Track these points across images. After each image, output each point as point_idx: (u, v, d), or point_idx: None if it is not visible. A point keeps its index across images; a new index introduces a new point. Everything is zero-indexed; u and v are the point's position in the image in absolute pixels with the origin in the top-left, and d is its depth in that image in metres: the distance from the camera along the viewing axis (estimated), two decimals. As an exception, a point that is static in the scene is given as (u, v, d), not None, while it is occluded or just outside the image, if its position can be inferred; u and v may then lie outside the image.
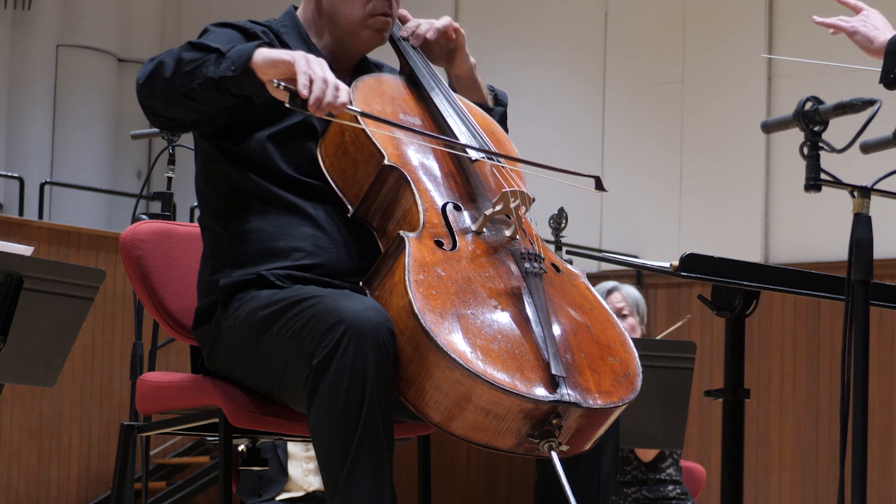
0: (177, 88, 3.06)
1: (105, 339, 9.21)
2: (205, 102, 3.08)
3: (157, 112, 3.16)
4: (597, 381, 2.92)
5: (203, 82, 3.03)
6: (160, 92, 3.09)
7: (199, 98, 3.06)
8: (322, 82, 2.92)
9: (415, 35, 3.39)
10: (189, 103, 3.09)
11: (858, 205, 3.02)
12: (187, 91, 3.05)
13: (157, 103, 3.13)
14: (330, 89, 2.92)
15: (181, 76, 3.05)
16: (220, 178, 3.26)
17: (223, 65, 3.01)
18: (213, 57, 3.03)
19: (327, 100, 2.92)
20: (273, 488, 6.44)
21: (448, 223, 3.07)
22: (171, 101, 3.10)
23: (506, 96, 3.54)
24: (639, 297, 6.35)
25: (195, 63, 3.04)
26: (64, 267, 4.12)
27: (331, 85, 2.93)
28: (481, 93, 3.47)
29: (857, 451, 2.95)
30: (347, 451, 2.83)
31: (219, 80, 3.02)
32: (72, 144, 12.30)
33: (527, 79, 10.77)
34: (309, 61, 2.95)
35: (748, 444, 7.81)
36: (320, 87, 2.91)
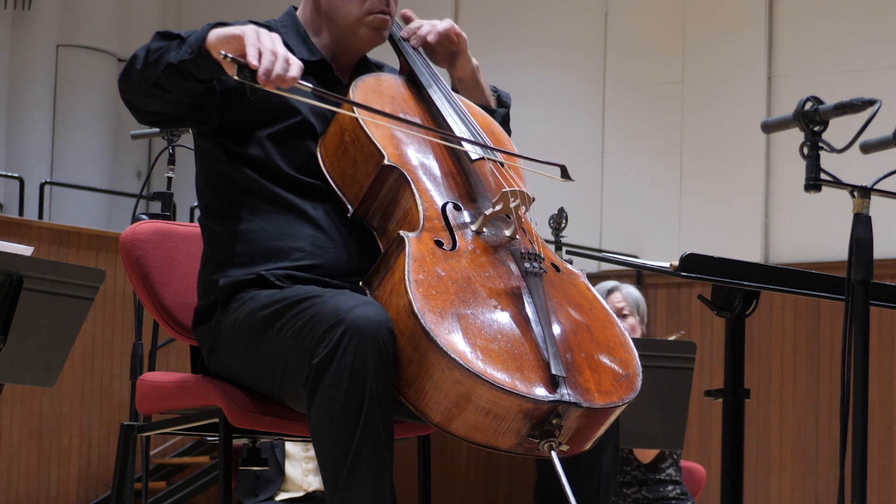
0: (147, 79, 3.06)
1: (105, 339, 9.21)
2: (173, 90, 3.08)
3: (138, 106, 3.17)
4: (597, 380, 2.92)
5: (166, 69, 3.03)
6: (135, 85, 3.10)
7: (167, 86, 3.06)
8: (271, 54, 2.89)
9: (415, 36, 3.39)
10: (160, 93, 3.09)
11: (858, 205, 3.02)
12: (156, 80, 3.06)
13: (134, 97, 3.14)
14: (279, 61, 2.90)
15: (150, 66, 3.05)
16: (220, 178, 3.26)
17: (182, 49, 3.01)
18: (174, 43, 3.04)
19: (276, 71, 2.89)
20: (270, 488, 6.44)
21: (448, 223, 3.07)
22: (145, 93, 3.10)
23: (509, 98, 3.53)
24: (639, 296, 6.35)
25: (160, 51, 3.05)
26: (64, 267, 4.12)
27: (280, 57, 2.90)
28: (484, 95, 3.46)
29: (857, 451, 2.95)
30: (347, 451, 2.83)
31: (179, 65, 3.01)
32: (72, 144, 12.30)
33: (527, 79, 10.77)
34: (259, 34, 2.93)
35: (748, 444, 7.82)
36: (269, 58, 2.89)
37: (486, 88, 3.48)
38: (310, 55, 3.30)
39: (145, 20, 12.85)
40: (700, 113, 10.56)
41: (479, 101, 3.43)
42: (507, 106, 3.52)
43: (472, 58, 3.44)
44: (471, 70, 3.43)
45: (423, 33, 3.37)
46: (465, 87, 3.44)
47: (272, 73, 2.88)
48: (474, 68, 3.44)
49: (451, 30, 3.40)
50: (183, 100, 3.13)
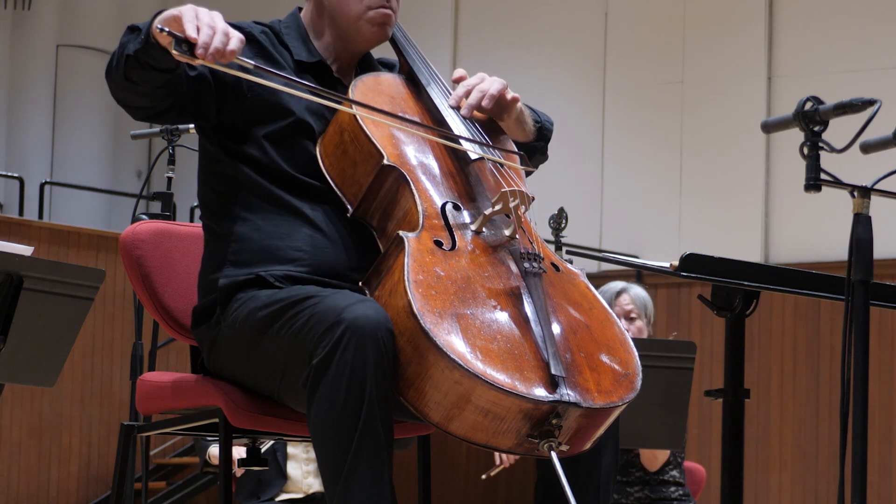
0: (120, 74, 3.07)
1: (105, 339, 9.21)
2: (140, 82, 3.07)
3: (124, 101, 3.16)
4: (596, 380, 2.92)
5: (127, 60, 3.03)
6: (115, 81, 3.10)
7: (135, 79, 3.06)
8: (208, 28, 2.87)
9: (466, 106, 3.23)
10: (133, 86, 3.08)
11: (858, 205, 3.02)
12: (126, 74, 3.05)
13: (118, 94, 3.14)
14: (218, 34, 2.87)
15: (119, 59, 3.05)
16: (220, 178, 3.26)
17: (137, 39, 3.01)
18: (133, 35, 3.04)
19: (215, 45, 2.86)
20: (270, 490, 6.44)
21: (447, 223, 3.07)
22: (123, 88, 3.10)
23: (551, 124, 3.42)
24: (647, 298, 6.34)
25: (123, 45, 3.05)
26: (64, 267, 4.12)
27: (219, 31, 2.88)
28: (524, 132, 3.36)
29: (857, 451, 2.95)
30: (347, 450, 2.82)
31: (136, 56, 3.01)
32: (72, 144, 12.30)
33: (527, 79, 10.76)
34: (197, 12, 2.91)
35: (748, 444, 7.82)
36: (207, 32, 2.86)
37: (529, 125, 3.36)
38: (308, 56, 3.30)
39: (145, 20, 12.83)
40: (700, 113, 10.56)
41: (520, 139, 3.35)
42: (546, 138, 3.41)
43: (517, 96, 3.31)
44: (516, 114, 3.31)
45: (474, 101, 3.23)
46: (507, 128, 3.35)
47: (210, 47, 2.85)
48: (519, 110, 3.32)
49: (503, 91, 3.25)
50: (155, 91, 3.10)
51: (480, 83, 3.25)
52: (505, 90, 3.25)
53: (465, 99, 3.23)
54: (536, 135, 3.39)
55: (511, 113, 3.29)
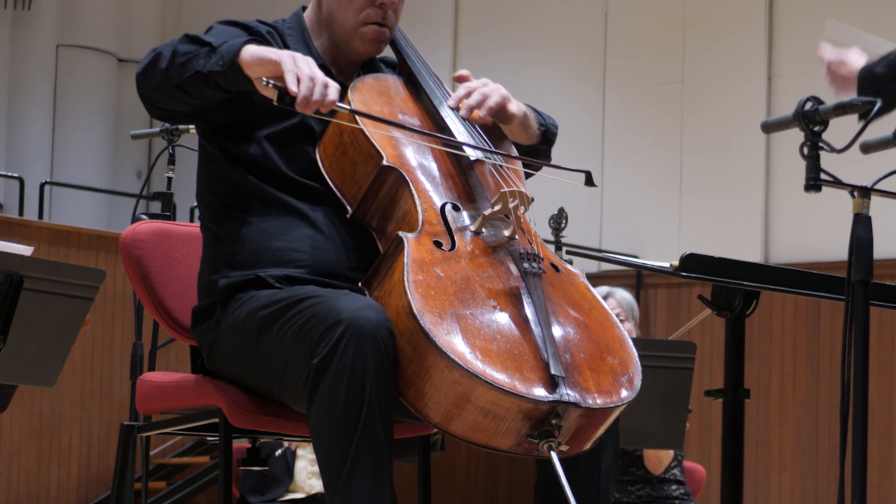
0: (171, 80, 3.08)
1: (105, 339, 9.21)
2: (196, 95, 3.10)
3: (153, 102, 3.18)
4: (596, 380, 2.92)
5: (193, 76, 3.04)
6: (156, 83, 3.11)
7: (190, 90, 3.08)
8: (309, 80, 2.92)
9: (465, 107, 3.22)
10: (183, 96, 3.10)
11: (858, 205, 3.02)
12: (180, 83, 3.07)
13: (153, 93, 3.15)
14: (318, 87, 2.92)
15: (175, 68, 3.06)
16: (219, 179, 3.26)
17: (212, 59, 3.03)
18: (204, 51, 3.05)
19: (315, 98, 2.92)
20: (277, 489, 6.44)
21: (447, 223, 3.07)
22: (166, 93, 3.12)
23: (556, 127, 3.42)
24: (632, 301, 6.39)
25: (188, 56, 3.06)
26: (64, 267, 4.12)
27: (318, 83, 2.93)
28: (529, 135, 3.35)
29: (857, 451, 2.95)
30: (347, 451, 2.83)
31: (207, 75, 3.03)
32: (72, 144, 12.30)
33: (527, 79, 10.77)
34: (296, 60, 2.95)
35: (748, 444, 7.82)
36: (307, 85, 2.91)
37: (534, 128, 3.35)
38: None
39: (145, 20, 12.85)
40: (700, 113, 10.56)
41: (524, 142, 3.35)
42: (550, 142, 3.40)
43: (520, 103, 3.30)
44: (518, 121, 3.31)
45: (474, 103, 3.22)
46: (511, 133, 3.34)
47: (311, 100, 2.91)
48: (522, 116, 3.31)
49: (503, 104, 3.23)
50: (202, 103, 3.15)
51: (482, 87, 3.24)
52: (505, 102, 3.24)
53: (465, 100, 3.23)
54: (541, 138, 3.38)
55: (513, 121, 3.29)
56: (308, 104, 2.92)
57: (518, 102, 3.29)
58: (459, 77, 3.31)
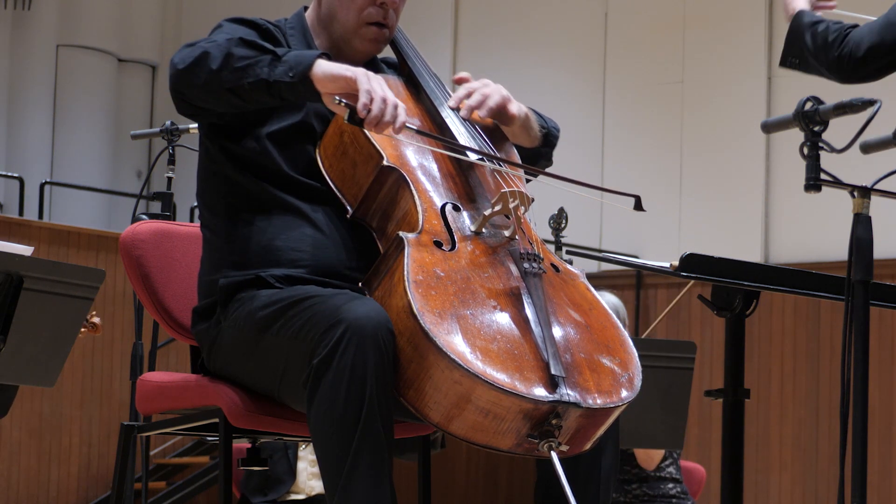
0: (223, 82, 3.02)
1: (105, 339, 9.21)
2: (249, 101, 3.06)
3: (189, 99, 3.11)
4: (596, 381, 2.92)
5: (255, 82, 3.00)
6: (202, 82, 3.05)
7: (245, 96, 3.03)
8: (382, 101, 2.93)
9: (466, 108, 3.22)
10: (232, 98, 3.05)
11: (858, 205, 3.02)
12: (234, 87, 3.02)
13: (193, 91, 3.08)
14: (389, 108, 2.94)
15: (231, 71, 3.01)
16: (220, 179, 3.26)
17: (279, 69, 2.99)
18: (267, 58, 3.00)
19: (386, 119, 2.93)
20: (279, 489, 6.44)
21: (447, 224, 3.07)
22: (212, 93, 3.06)
23: (558, 130, 3.42)
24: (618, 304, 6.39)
25: (248, 61, 3.01)
26: (64, 267, 4.12)
27: (390, 103, 2.94)
28: (530, 138, 3.35)
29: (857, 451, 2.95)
30: (347, 451, 2.83)
31: (273, 83, 2.99)
32: (72, 144, 12.30)
33: (527, 79, 10.77)
34: (370, 78, 2.95)
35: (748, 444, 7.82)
36: (380, 106, 2.92)
37: (535, 130, 3.35)
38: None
39: (145, 20, 12.85)
40: (700, 113, 10.56)
41: (525, 144, 3.35)
42: (552, 144, 3.40)
43: (521, 105, 3.30)
44: (520, 122, 3.30)
45: (474, 103, 3.22)
46: (512, 134, 3.34)
47: (383, 120, 2.93)
48: (524, 117, 3.30)
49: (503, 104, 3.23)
50: (250, 108, 3.11)
51: (483, 87, 3.24)
52: (506, 102, 3.23)
53: (465, 100, 3.22)
54: (542, 141, 3.38)
55: (514, 123, 3.29)
56: (379, 124, 2.93)
57: (519, 104, 3.29)
58: (460, 79, 3.31)
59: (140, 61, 12.91)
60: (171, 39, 12.95)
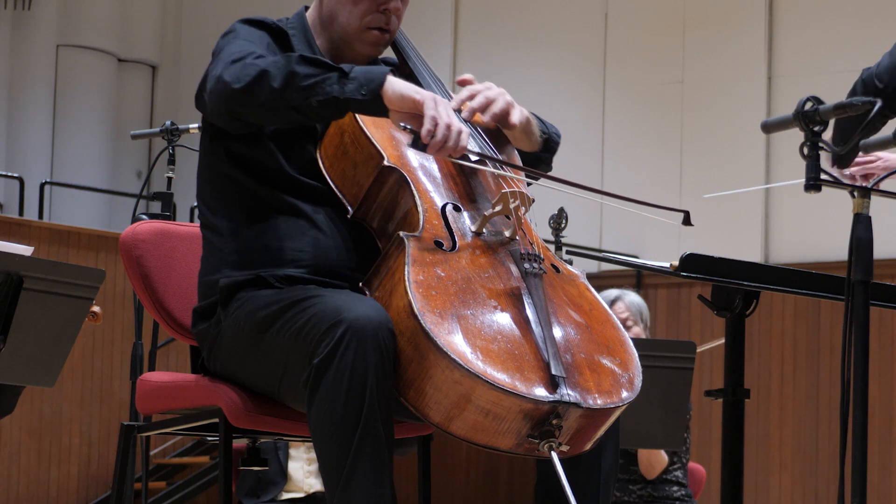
0: (287, 100, 3.01)
1: (105, 339, 9.21)
2: (313, 117, 3.06)
3: (244, 117, 3.10)
4: (597, 381, 2.92)
5: (325, 100, 2.99)
6: (263, 101, 3.02)
7: (310, 113, 3.02)
8: (446, 128, 2.95)
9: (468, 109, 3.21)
10: (294, 115, 3.04)
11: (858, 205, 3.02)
12: (300, 105, 3.01)
13: (251, 110, 3.06)
14: (453, 135, 2.96)
15: (297, 90, 2.99)
16: (220, 179, 3.26)
17: (349, 86, 2.99)
18: (334, 75, 2.99)
19: (449, 146, 2.96)
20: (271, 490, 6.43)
21: (448, 224, 3.07)
22: (273, 111, 3.05)
23: (559, 135, 3.42)
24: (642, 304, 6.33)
25: (314, 79, 2.99)
26: (64, 267, 4.12)
27: (454, 131, 2.96)
28: (531, 142, 3.35)
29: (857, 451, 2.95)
30: (348, 451, 2.83)
31: (343, 101, 2.99)
32: (72, 144, 12.30)
33: (527, 79, 10.77)
34: (437, 104, 2.97)
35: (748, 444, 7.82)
36: (443, 132, 2.95)
37: (536, 135, 3.35)
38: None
39: (145, 20, 12.85)
40: (700, 113, 10.56)
41: (526, 149, 3.35)
42: (552, 150, 3.40)
43: (524, 110, 3.29)
44: (521, 127, 3.30)
45: (477, 106, 3.21)
46: (513, 138, 3.34)
47: (446, 147, 2.96)
48: (524, 122, 3.30)
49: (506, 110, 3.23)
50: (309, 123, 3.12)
51: (487, 91, 3.23)
52: (509, 108, 3.22)
53: (468, 103, 3.22)
54: (542, 146, 3.38)
55: (516, 126, 3.28)
56: (442, 150, 2.96)
57: (521, 109, 3.27)
58: (463, 81, 3.30)
59: (140, 61, 12.91)
60: (171, 39, 12.95)
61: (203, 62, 3.34)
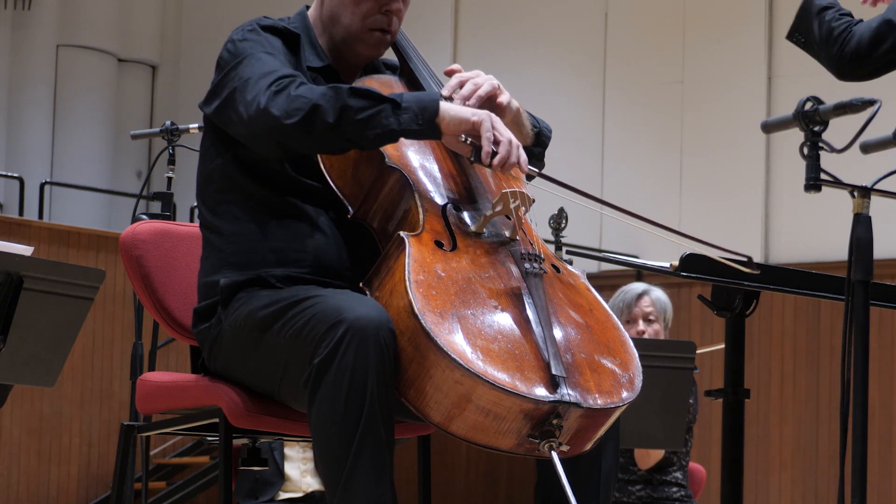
0: (342, 133, 3.01)
1: (105, 339, 9.21)
2: (368, 146, 3.07)
3: (292, 149, 3.10)
4: (597, 381, 2.92)
5: (383, 133, 3.01)
6: (317, 135, 3.02)
7: (364, 143, 3.04)
8: (508, 144, 3.00)
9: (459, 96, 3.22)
10: (349, 146, 3.06)
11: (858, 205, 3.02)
12: (356, 138, 3.02)
13: (303, 143, 3.06)
14: (514, 150, 3.01)
15: (351, 124, 3.00)
16: (220, 180, 3.26)
17: (405, 116, 3.00)
18: (388, 107, 3.00)
19: (512, 160, 3.00)
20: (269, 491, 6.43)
21: (448, 224, 3.07)
22: (326, 144, 3.06)
23: (550, 131, 3.45)
24: (667, 302, 6.28)
25: (368, 112, 3.00)
26: (64, 267, 4.12)
27: (514, 146, 3.01)
28: (522, 135, 3.34)
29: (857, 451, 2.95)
30: (348, 451, 2.83)
31: (400, 132, 3.01)
32: (72, 144, 12.30)
33: (527, 79, 10.77)
34: (493, 121, 3.02)
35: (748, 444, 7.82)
36: (506, 148, 3.00)
37: (527, 128, 3.37)
38: (318, 61, 3.28)
39: (145, 20, 12.85)
40: (700, 113, 10.56)
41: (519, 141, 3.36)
42: (544, 144, 3.42)
43: (513, 100, 3.31)
44: (511, 116, 3.30)
45: (466, 93, 3.22)
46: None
47: (509, 161, 3.01)
48: (515, 110, 3.30)
49: (493, 93, 3.24)
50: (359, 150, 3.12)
51: (475, 77, 3.24)
52: (495, 91, 3.23)
53: (458, 90, 3.23)
54: (534, 139, 3.38)
55: (505, 114, 3.28)
56: (505, 165, 3.00)
57: (510, 97, 3.28)
58: (450, 71, 3.31)
59: (140, 61, 12.91)
60: (171, 39, 12.95)
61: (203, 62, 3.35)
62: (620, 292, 6.16)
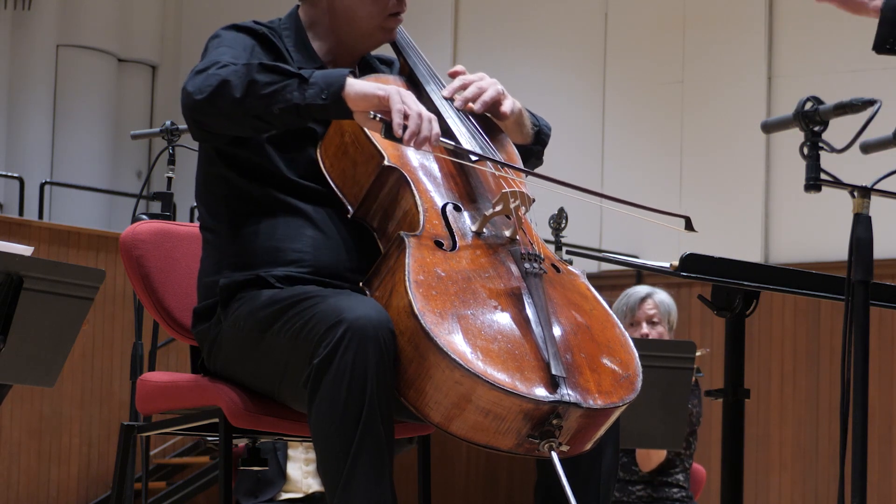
0: (248, 109, 3.00)
1: (105, 339, 9.21)
2: (276, 124, 3.05)
3: (209, 128, 3.10)
4: (597, 381, 2.92)
5: (286, 107, 2.99)
6: (226, 111, 3.02)
7: (272, 120, 3.02)
8: (417, 117, 2.95)
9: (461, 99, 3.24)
10: (257, 123, 3.04)
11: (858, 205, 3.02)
12: (261, 114, 3.00)
13: (215, 120, 3.06)
14: (425, 123, 2.96)
15: (257, 98, 2.99)
16: (219, 181, 3.26)
17: (309, 91, 2.98)
18: (294, 82, 2.99)
19: (423, 134, 2.95)
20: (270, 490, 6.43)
21: (448, 224, 3.07)
22: (235, 120, 3.04)
23: (549, 129, 3.44)
24: (672, 305, 6.28)
25: (274, 86, 2.99)
26: (64, 267, 4.12)
27: (425, 119, 2.96)
28: (523, 134, 3.36)
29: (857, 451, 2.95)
30: (348, 451, 2.83)
31: (304, 107, 2.99)
32: (72, 144, 12.31)
33: (527, 79, 10.77)
34: (402, 95, 2.97)
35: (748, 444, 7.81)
36: (416, 121, 2.95)
37: (527, 127, 3.37)
38: (309, 62, 3.28)
39: (145, 20, 12.85)
40: (700, 113, 10.56)
41: (518, 141, 3.35)
42: (543, 143, 3.42)
43: (515, 101, 3.31)
44: (513, 118, 3.31)
45: (470, 95, 3.23)
46: (504, 129, 3.35)
47: (419, 136, 2.95)
48: (517, 113, 3.31)
49: (497, 99, 3.25)
50: (275, 130, 3.11)
51: (479, 80, 3.24)
52: (500, 98, 3.23)
53: (460, 91, 3.23)
54: (534, 138, 3.39)
55: (507, 117, 3.29)
56: (416, 140, 2.95)
57: (513, 100, 3.29)
58: (454, 73, 3.31)
59: (140, 61, 12.91)
60: (171, 39, 12.95)
61: (203, 62, 3.33)
62: (624, 295, 6.17)
